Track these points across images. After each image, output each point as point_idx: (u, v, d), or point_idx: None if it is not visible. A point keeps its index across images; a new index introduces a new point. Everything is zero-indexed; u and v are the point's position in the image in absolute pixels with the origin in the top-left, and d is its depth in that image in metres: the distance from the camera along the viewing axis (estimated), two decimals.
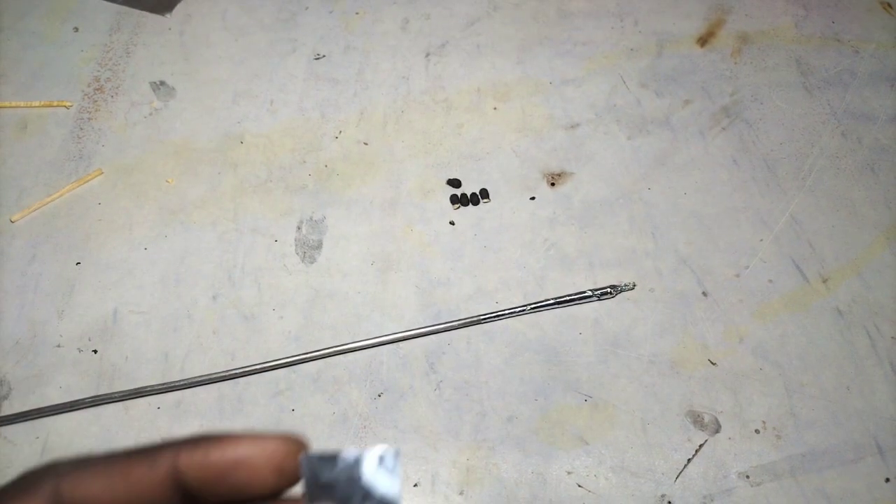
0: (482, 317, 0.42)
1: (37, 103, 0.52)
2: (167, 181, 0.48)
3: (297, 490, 0.24)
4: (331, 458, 0.26)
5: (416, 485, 0.36)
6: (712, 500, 0.36)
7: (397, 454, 0.26)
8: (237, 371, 0.40)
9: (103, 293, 0.43)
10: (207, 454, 0.26)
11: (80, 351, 0.41)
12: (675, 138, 0.50)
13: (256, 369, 0.40)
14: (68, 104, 0.52)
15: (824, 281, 0.43)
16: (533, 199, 0.47)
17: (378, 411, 0.39)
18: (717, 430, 0.38)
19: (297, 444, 0.27)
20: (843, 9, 0.57)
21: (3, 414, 0.39)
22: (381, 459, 0.26)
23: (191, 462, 0.26)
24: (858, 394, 0.39)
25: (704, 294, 0.43)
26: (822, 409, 0.39)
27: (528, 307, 0.42)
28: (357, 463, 0.26)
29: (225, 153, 0.50)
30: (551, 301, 0.42)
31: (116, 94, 0.53)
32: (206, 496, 0.27)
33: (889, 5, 0.57)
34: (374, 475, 0.26)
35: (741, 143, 0.50)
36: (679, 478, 0.37)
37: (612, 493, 0.36)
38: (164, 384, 0.40)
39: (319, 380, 0.40)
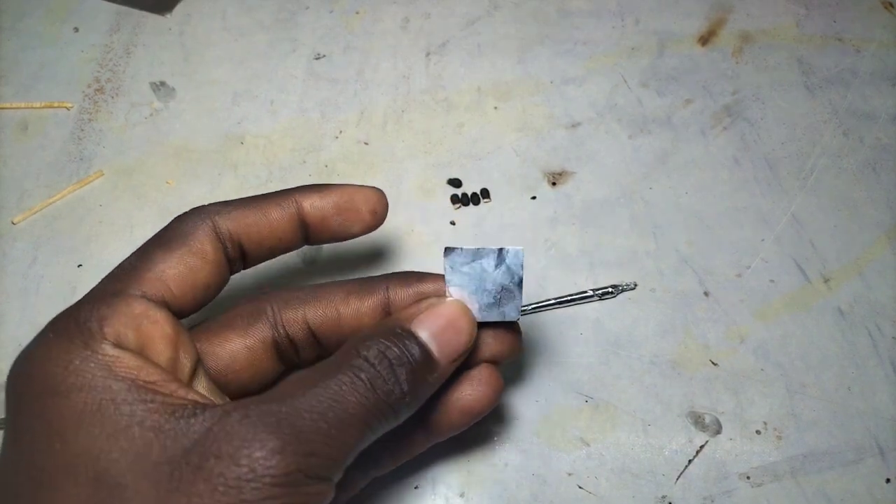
0: None
1: (37, 104, 0.52)
2: (167, 182, 0.48)
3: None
4: (467, 252, 0.30)
5: (416, 487, 0.36)
6: (713, 501, 0.36)
7: (521, 252, 0.31)
8: None
9: None
10: (322, 196, 0.32)
11: None
12: (676, 137, 0.50)
13: None
14: (69, 105, 0.52)
15: (826, 281, 0.43)
16: (534, 198, 0.47)
17: None
18: (718, 430, 0.38)
19: (382, 193, 0.34)
20: (844, 8, 0.57)
21: (5, 416, 0.39)
22: (508, 255, 0.30)
23: (311, 203, 0.31)
24: (859, 394, 0.39)
25: (706, 294, 0.43)
26: (822, 410, 0.39)
27: (529, 307, 0.42)
28: (489, 256, 0.30)
29: (225, 154, 0.50)
30: (552, 301, 0.42)
31: (117, 94, 0.53)
32: (321, 232, 0.32)
33: (891, 4, 0.57)
34: (501, 267, 0.31)
35: (742, 142, 0.50)
36: (680, 479, 0.37)
37: (612, 494, 0.36)
38: None
39: None
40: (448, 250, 0.30)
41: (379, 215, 0.33)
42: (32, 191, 0.48)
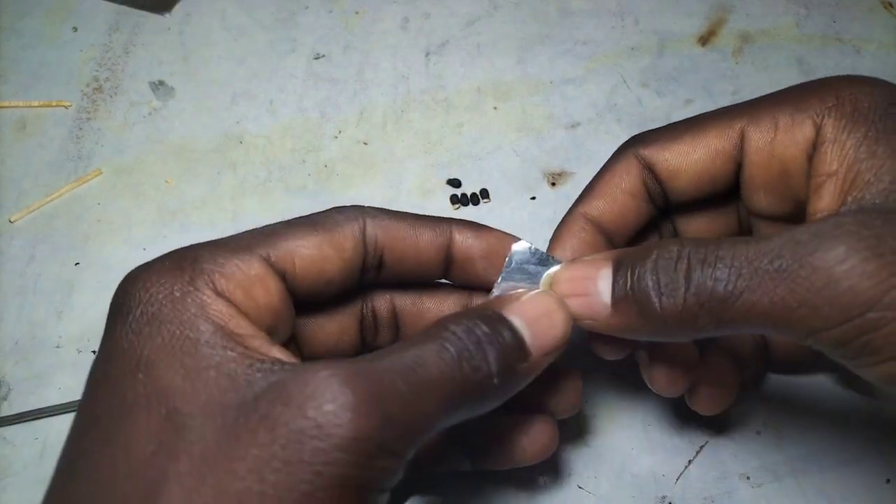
0: None
1: (36, 103, 0.52)
2: (166, 181, 0.48)
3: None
4: (535, 254, 0.30)
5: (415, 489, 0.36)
6: (713, 502, 0.36)
7: None
8: None
9: (102, 294, 0.43)
10: (477, 235, 0.31)
11: (79, 352, 0.41)
12: None
13: None
14: (67, 104, 0.52)
15: None
16: (533, 198, 0.47)
17: None
18: (718, 430, 0.38)
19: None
20: (844, 8, 0.57)
21: (2, 415, 0.39)
22: None
23: (463, 238, 0.31)
24: (860, 394, 0.39)
25: None
26: (822, 410, 0.38)
27: None
28: (547, 259, 0.30)
29: (224, 153, 0.50)
30: None
31: (115, 93, 0.53)
32: (463, 271, 0.32)
33: (891, 5, 0.57)
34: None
35: None
36: (680, 479, 0.36)
37: (612, 494, 0.36)
38: None
39: None
40: (518, 243, 0.30)
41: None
42: (30, 189, 0.48)
